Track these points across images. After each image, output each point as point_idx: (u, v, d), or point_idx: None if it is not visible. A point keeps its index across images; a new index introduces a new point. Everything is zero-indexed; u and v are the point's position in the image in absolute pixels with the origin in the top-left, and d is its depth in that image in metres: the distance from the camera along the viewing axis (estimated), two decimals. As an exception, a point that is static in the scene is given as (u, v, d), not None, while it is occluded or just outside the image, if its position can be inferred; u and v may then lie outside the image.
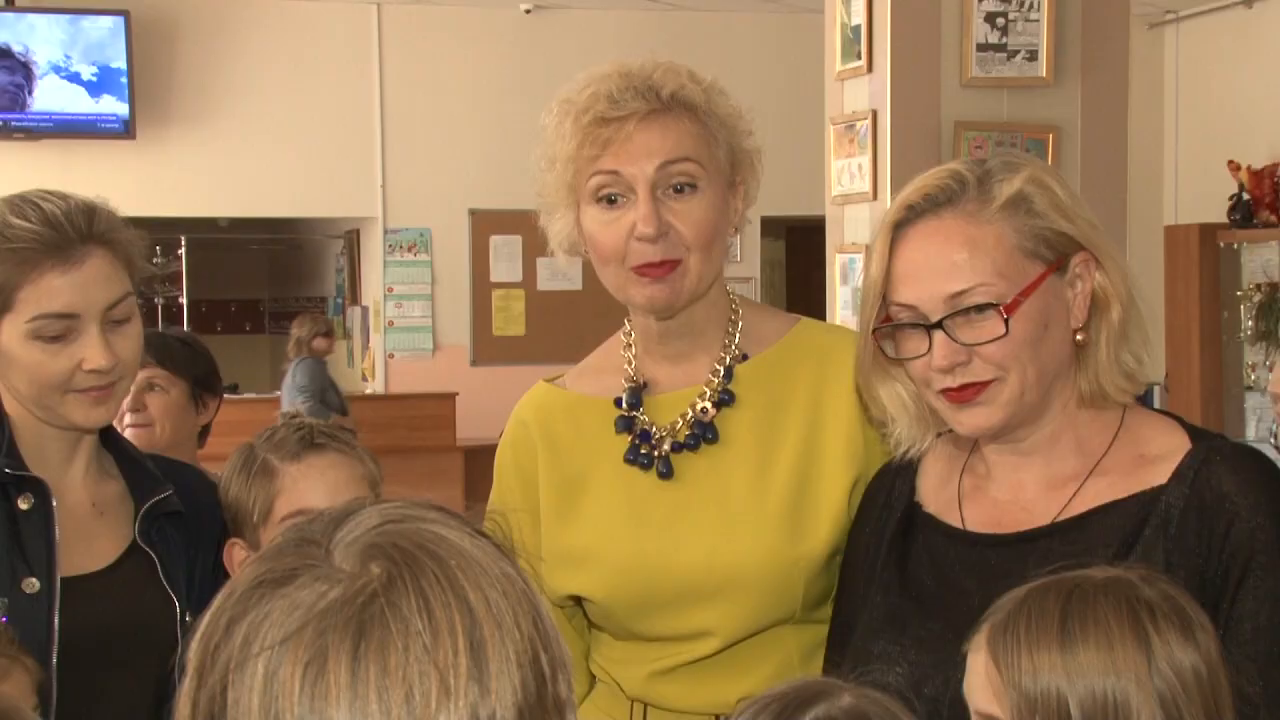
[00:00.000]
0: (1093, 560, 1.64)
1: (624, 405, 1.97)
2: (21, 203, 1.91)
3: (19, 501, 1.90)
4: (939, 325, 1.69)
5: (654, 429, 1.95)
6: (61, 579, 1.89)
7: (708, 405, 1.95)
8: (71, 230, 1.88)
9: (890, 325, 1.74)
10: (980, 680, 1.43)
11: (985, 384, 1.70)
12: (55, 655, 1.85)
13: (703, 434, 1.94)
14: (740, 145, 1.94)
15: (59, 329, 1.88)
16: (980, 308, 1.67)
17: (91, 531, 1.96)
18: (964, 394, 1.71)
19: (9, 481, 1.90)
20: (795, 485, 1.91)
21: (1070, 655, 1.36)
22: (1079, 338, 1.73)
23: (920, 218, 1.73)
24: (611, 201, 1.88)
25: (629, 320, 2.03)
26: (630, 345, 2.01)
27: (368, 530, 0.92)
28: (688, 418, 1.95)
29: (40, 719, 1.78)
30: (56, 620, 1.87)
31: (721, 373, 1.96)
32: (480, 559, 0.92)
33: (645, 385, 1.98)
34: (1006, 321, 1.67)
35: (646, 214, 1.84)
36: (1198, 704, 1.36)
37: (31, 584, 1.87)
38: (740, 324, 1.99)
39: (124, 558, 1.96)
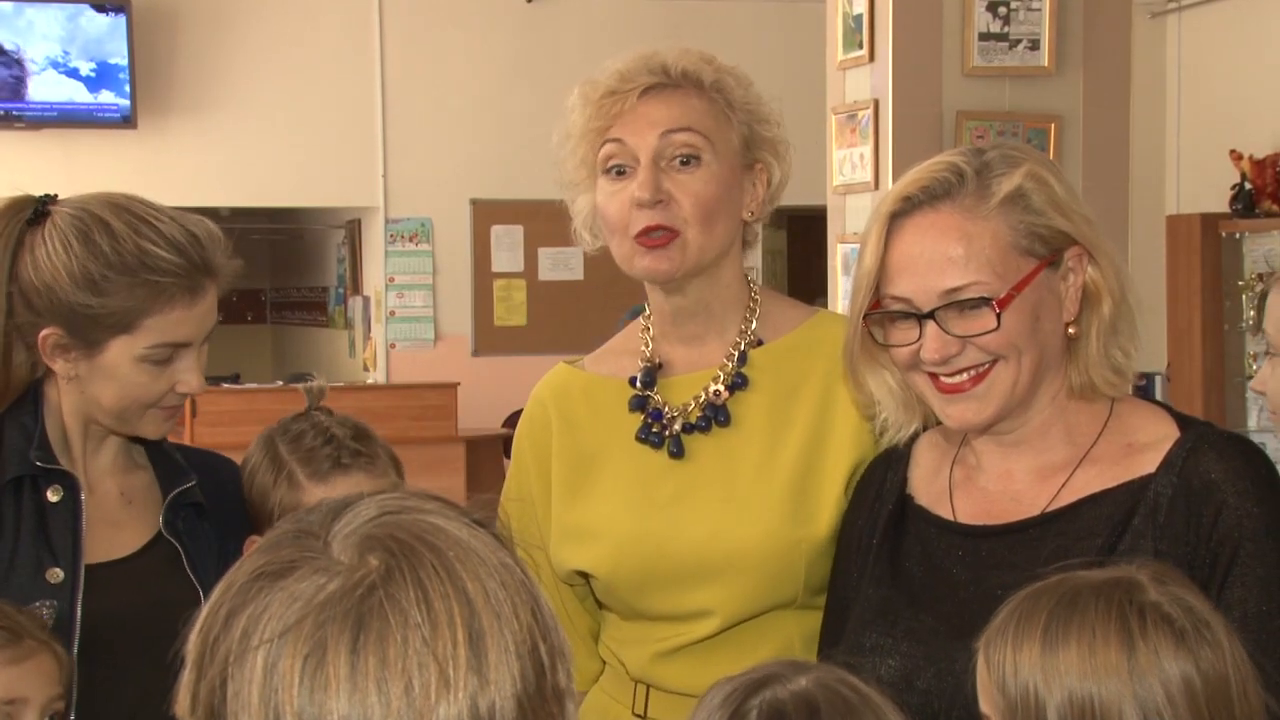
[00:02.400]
0: (1086, 551, 1.64)
1: (638, 384, 2.00)
2: (137, 221, 1.91)
3: (48, 493, 1.91)
4: (930, 315, 1.69)
5: (666, 408, 1.98)
6: (86, 566, 1.90)
7: (720, 388, 1.97)
8: (200, 262, 1.93)
9: (880, 312, 1.74)
10: (979, 681, 1.41)
11: (983, 373, 1.70)
12: (76, 644, 1.86)
13: (714, 416, 1.96)
14: (759, 132, 1.97)
15: (170, 355, 1.92)
16: (973, 302, 1.68)
17: (119, 520, 1.98)
18: (961, 386, 1.71)
19: (39, 474, 1.91)
20: (801, 469, 1.92)
21: (1050, 656, 1.33)
22: (1070, 330, 1.73)
23: (917, 210, 1.73)
24: (620, 173, 1.92)
25: (648, 304, 2.06)
26: (648, 328, 2.05)
27: (366, 522, 0.92)
28: (700, 400, 1.97)
29: (64, 709, 1.80)
30: (79, 609, 1.88)
31: (736, 356, 1.99)
32: (478, 549, 0.92)
33: (660, 366, 2.02)
34: (999, 316, 1.67)
35: (644, 179, 1.89)
36: (1186, 716, 1.31)
37: (55, 574, 1.88)
38: (758, 311, 2.02)
39: (148, 547, 1.98)
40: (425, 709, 0.85)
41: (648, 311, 2.06)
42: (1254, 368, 8.08)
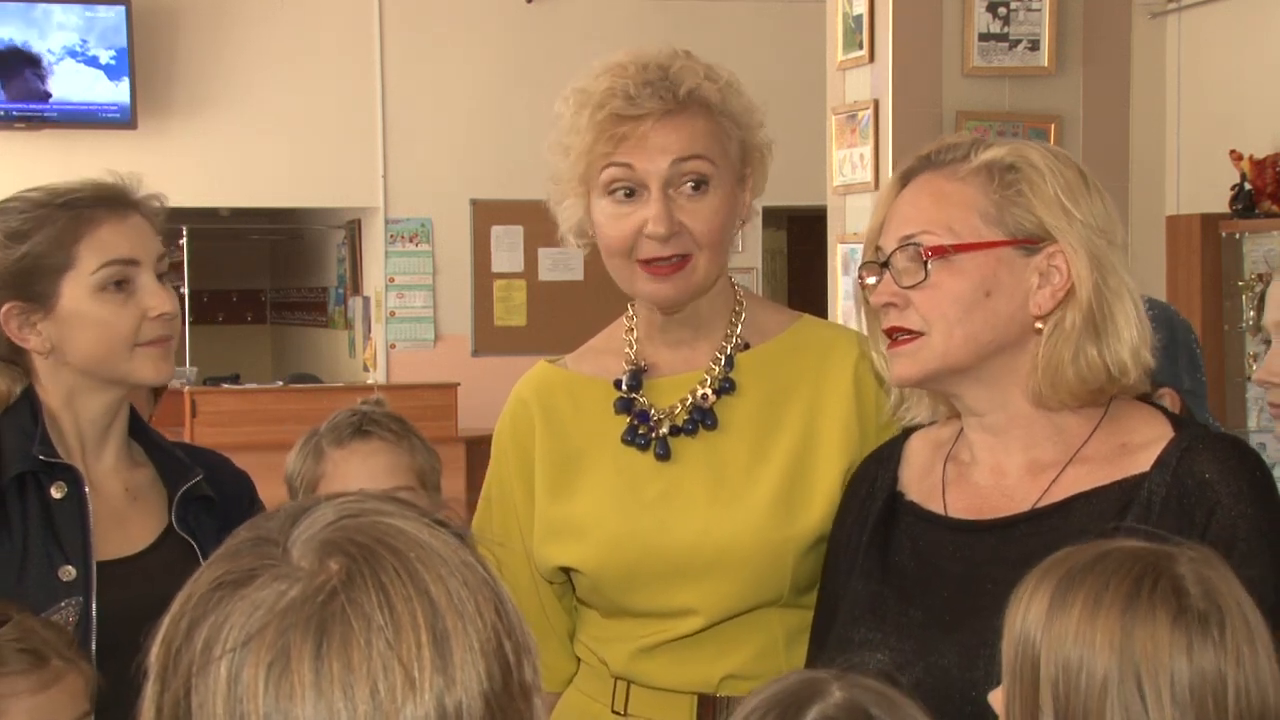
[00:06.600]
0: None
1: (623, 387, 1.99)
2: (30, 189, 1.97)
3: (52, 490, 1.91)
4: (886, 263, 1.74)
5: (653, 411, 1.97)
6: (97, 563, 1.90)
7: (708, 392, 1.97)
8: (110, 187, 1.97)
9: (864, 264, 1.79)
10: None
11: (912, 335, 1.73)
12: (95, 641, 1.87)
13: (702, 419, 1.96)
14: (751, 140, 1.95)
15: (123, 274, 1.93)
16: (914, 250, 1.71)
17: (126, 518, 1.99)
18: (898, 344, 1.75)
19: (41, 470, 1.91)
20: (791, 470, 1.93)
21: (1055, 611, 1.31)
22: (1037, 325, 1.72)
23: (916, 174, 1.79)
24: (628, 195, 1.88)
25: (632, 305, 2.05)
26: (632, 330, 2.04)
27: (325, 526, 0.92)
28: (687, 403, 1.97)
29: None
30: (95, 606, 1.88)
31: (723, 360, 1.98)
32: (439, 549, 0.91)
33: (645, 368, 2.00)
34: (925, 264, 1.70)
35: (659, 214, 1.85)
36: (1168, 705, 1.27)
37: (68, 571, 1.88)
38: (744, 315, 2.02)
39: (159, 541, 1.99)
40: (391, 711, 0.85)
41: (631, 313, 2.05)
42: (1253, 368, 8.08)
